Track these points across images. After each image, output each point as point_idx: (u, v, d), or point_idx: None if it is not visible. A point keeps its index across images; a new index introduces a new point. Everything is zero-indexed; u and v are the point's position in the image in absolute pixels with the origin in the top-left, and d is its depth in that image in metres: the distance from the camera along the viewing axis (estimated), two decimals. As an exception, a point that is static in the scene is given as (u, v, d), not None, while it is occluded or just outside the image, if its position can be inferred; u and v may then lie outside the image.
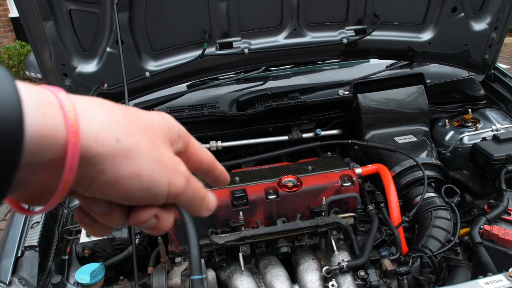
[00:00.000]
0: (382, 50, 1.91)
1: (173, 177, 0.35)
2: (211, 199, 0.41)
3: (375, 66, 2.11)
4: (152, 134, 0.35)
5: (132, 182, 0.32)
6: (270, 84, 2.00)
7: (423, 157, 1.63)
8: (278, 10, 1.67)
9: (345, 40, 1.77)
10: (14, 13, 7.07)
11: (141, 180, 0.33)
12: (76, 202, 1.51)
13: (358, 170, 1.57)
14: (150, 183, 0.33)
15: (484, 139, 1.70)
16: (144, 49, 1.61)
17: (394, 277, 1.26)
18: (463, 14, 1.81)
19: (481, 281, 1.09)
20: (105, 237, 1.32)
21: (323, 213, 1.41)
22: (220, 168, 0.45)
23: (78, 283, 1.23)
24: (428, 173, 1.56)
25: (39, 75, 2.55)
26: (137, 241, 1.33)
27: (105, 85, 1.60)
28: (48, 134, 0.29)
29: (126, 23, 1.51)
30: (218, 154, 1.81)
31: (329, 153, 1.79)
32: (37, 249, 1.28)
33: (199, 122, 1.75)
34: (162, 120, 0.38)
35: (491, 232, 1.31)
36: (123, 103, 1.45)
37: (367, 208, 1.48)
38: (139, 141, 0.33)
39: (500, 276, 1.10)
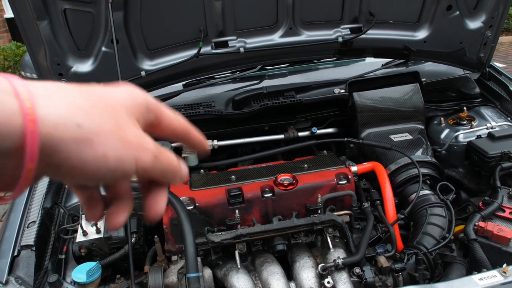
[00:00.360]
0: (378, 49, 1.92)
1: (139, 154, 0.36)
2: (183, 168, 0.42)
3: (371, 64, 2.12)
4: (116, 114, 0.36)
5: (99, 164, 0.33)
6: (266, 83, 2.00)
7: (418, 155, 1.64)
8: (273, 9, 1.68)
9: (340, 39, 1.78)
10: (9, 13, 7.04)
11: (108, 162, 0.33)
12: (74, 201, 1.51)
13: (354, 168, 1.58)
14: (117, 163, 0.34)
15: (479, 137, 1.71)
16: (139, 48, 1.61)
17: (389, 273, 1.27)
18: (458, 12, 1.82)
19: (476, 277, 1.09)
20: (101, 236, 1.33)
21: (319, 211, 1.42)
22: (196, 134, 0.46)
23: (74, 282, 1.23)
24: (423, 170, 1.57)
25: (34, 75, 2.55)
26: (133, 240, 1.33)
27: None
28: (4, 122, 0.29)
29: (121, 22, 1.51)
30: (215, 153, 1.81)
31: (325, 151, 1.80)
32: (34, 249, 1.28)
33: (195, 121, 1.72)
34: (128, 97, 0.38)
35: (485, 229, 1.32)
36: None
37: (363, 206, 1.48)
38: (101, 123, 0.34)
39: (494, 272, 1.10)
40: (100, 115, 0.34)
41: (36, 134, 0.30)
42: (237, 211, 1.38)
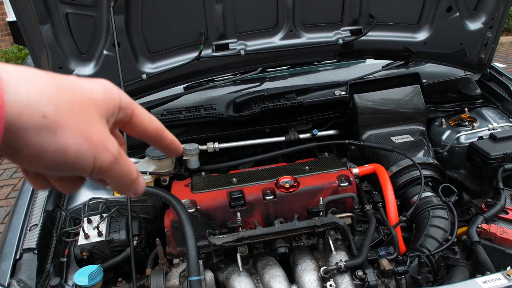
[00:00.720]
0: (378, 50, 1.92)
1: (99, 153, 0.36)
2: (140, 183, 0.43)
3: (371, 66, 2.12)
4: (85, 111, 0.36)
5: (58, 156, 0.34)
6: (267, 85, 2.01)
7: (420, 156, 1.63)
8: (273, 11, 1.68)
9: (340, 41, 1.78)
10: (11, 17, 7.09)
11: (67, 155, 0.34)
12: (76, 204, 1.51)
13: (355, 170, 1.57)
14: (76, 157, 0.35)
15: (481, 138, 1.71)
16: (140, 51, 1.62)
17: (392, 276, 1.26)
18: (458, 13, 1.82)
19: (479, 280, 1.09)
20: (103, 239, 1.33)
21: (321, 214, 1.42)
22: (170, 138, 0.47)
23: (76, 285, 1.23)
24: (425, 172, 1.56)
25: (37, 79, 2.55)
26: (135, 242, 1.33)
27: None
28: None
29: (123, 26, 1.51)
30: (216, 155, 1.81)
31: (326, 153, 1.79)
32: (36, 252, 1.28)
33: (196, 124, 1.76)
34: (101, 94, 0.39)
35: (488, 231, 1.32)
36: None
37: (365, 208, 1.48)
38: (67, 117, 0.34)
39: (498, 275, 1.10)
40: (68, 109, 0.35)
41: (2, 118, 0.30)
42: (238, 213, 1.38)
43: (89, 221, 1.37)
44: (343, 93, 1.85)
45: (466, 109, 1.89)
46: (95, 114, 0.37)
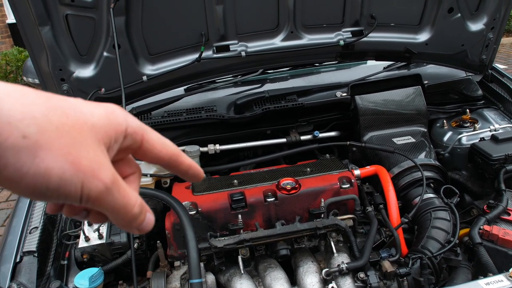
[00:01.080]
0: (379, 52, 1.91)
1: (87, 181, 0.33)
2: (146, 221, 0.39)
3: (373, 67, 2.12)
4: (76, 134, 0.34)
5: (39, 180, 0.32)
6: (268, 86, 2.00)
7: (421, 158, 1.63)
8: (274, 12, 1.68)
9: (342, 42, 1.77)
10: (11, 19, 7.10)
11: (49, 180, 0.32)
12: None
13: (357, 172, 1.57)
14: (59, 183, 0.32)
15: (482, 139, 1.71)
16: (141, 53, 1.61)
17: (394, 278, 1.25)
18: (459, 14, 1.82)
19: (482, 281, 1.08)
20: (104, 241, 1.32)
21: (322, 215, 1.41)
22: (187, 162, 0.43)
23: (76, 288, 1.22)
24: (427, 174, 1.56)
25: (36, 81, 2.56)
26: (136, 245, 1.32)
27: (103, 89, 1.60)
28: None
29: (123, 28, 1.51)
30: (216, 157, 1.81)
31: (327, 155, 1.79)
32: (36, 254, 1.28)
33: (197, 126, 1.75)
34: (103, 119, 0.36)
35: (490, 233, 1.31)
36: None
37: (366, 210, 1.47)
38: (52, 140, 0.32)
39: (500, 277, 1.09)
40: (54, 131, 0.32)
41: None
42: (239, 216, 1.37)
43: (90, 224, 1.37)
44: (344, 94, 1.85)
45: (467, 110, 1.89)
46: (90, 139, 0.34)
